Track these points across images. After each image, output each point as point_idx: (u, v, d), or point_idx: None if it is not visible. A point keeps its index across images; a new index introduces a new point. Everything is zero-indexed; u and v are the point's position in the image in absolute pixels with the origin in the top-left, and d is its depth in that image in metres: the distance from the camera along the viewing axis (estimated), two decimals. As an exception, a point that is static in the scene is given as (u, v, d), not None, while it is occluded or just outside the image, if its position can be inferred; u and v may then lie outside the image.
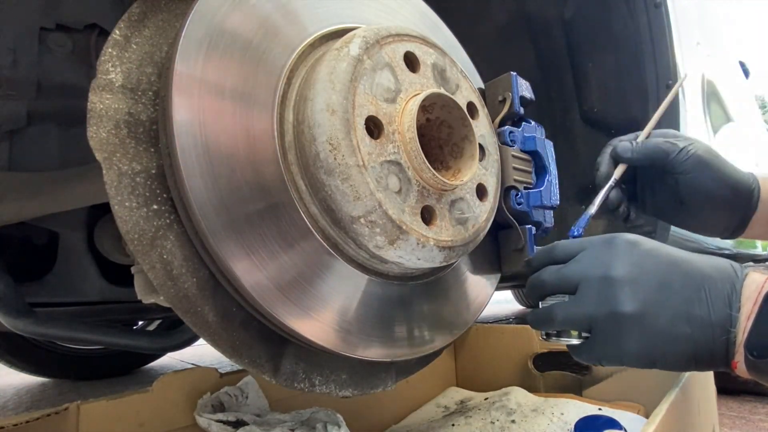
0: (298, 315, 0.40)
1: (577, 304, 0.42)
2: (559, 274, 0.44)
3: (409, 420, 0.88)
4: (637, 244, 0.42)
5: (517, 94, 0.58)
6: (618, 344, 0.39)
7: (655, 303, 0.39)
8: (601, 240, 0.44)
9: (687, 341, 0.38)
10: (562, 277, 0.43)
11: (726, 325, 0.37)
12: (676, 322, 0.38)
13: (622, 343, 0.39)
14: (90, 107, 0.37)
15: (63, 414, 0.54)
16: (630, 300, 0.39)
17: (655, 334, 0.38)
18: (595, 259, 0.42)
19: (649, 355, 0.39)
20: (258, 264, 0.38)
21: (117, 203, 0.36)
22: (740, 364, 0.37)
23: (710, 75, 1.39)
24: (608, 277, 0.40)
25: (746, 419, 1.22)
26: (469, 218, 0.47)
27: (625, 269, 0.40)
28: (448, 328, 0.55)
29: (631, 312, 0.39)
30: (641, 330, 0.38)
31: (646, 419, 0.69)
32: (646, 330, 0.38)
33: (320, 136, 0.38)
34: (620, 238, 0.43)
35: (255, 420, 0.62)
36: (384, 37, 0.43)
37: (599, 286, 0.40)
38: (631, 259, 0.41)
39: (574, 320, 0.42)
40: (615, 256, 0.41)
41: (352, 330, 0.45)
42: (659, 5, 0.86)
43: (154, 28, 0.42)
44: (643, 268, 0.40)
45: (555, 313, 0.43)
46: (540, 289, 0.46)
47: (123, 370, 1.82)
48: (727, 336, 0.37)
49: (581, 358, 0.44)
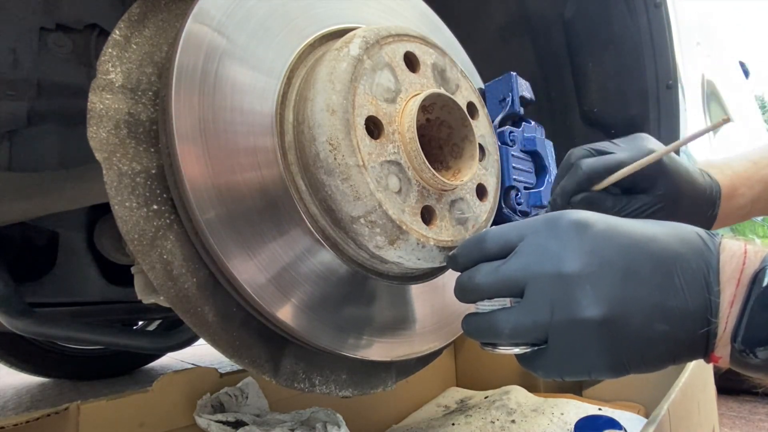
0: (298, 315, 0.40)
1: (528, 312, 0.34)
2: (498, 274, 0.35)
3: (410, 420, 0.88)
4: (587, 226, 0.34)
5: (517, 94, 0.58)
6: (583, 356, 0.32)
7: (623, 301, 0.31)
8: (543, 222, 0.35)
9: (665, 340, 0.31)
10: (503, 279, 0.35)
11: (705, 313, 0.31)
12: (650, 320, 0.31)
13: (589, 354, 0.32)
14: (90, 107, 0.37)
15: (63, 414, 0.54)
16: (593, 302, 0.31)
17: (629, 338, 0.31)
18: (541, 251, 0.34)
19: (623, 363, 0.32)
20: (258, 264, 0.38)
21: (117, 203, 0.36)
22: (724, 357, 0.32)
23: (710, 75, 1.39)
24: (561, 273, 0.32)
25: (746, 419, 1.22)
26: (469, 218, 0.47)
27: (580, 261, 0.32)
28: (448, 328, 0.55)
29: (596, 316, 0.31)
30: (611, 336, 0.31)
31: (646, 419, 0.69)
32: (616, 336, 0.31)
33: (320, 136, 0.38)
34: (565, 218, 0.34)
35: (255, 420, 0.62)
36: (384, 37, 0.43)
37: (552, 287, 0.33)
38: (585, 247, 0.33)
39: (526, 332, 0.34)
40: (564, 245, 0.33)
41: (352, 330, 0.45)
42: (659, 5, 0.86)
43: (154, 28, 0.42)
44: (601, 257, 0.32)
45: (500, 326, 0.35)
46: (475, 293, 0.37)
47: (123, 370, 1.82)
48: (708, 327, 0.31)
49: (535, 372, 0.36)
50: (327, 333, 0.42)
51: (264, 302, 0.38)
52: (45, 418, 0.52)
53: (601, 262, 0.33)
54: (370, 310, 0.46)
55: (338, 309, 0.44)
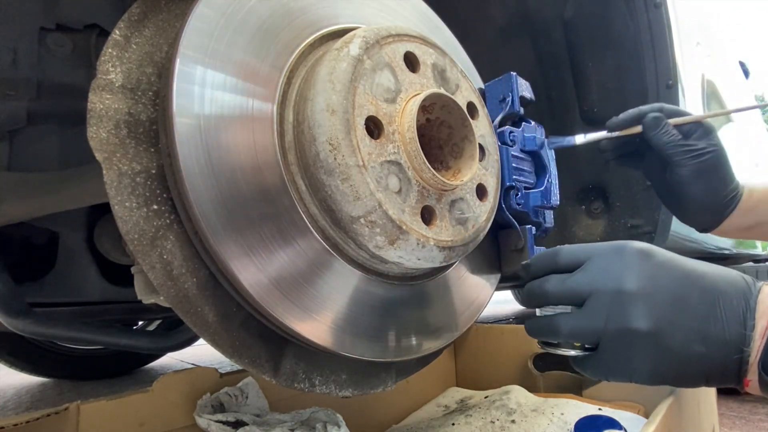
0: (298, 315, 0.40)
1: (586, 318, 0.39)
2: (565, 285, 0.41)
3: (410, 420, 0.88)
4: (650, 255, 0.40)
5: (517, 94, 0.58)
6: (628, 362, 0.38)
7: (669, 320, 0.37)
8: (611, 248, 0.41)
9: (701, 361, 0.37)
10: (569, 290, 0.41)
11: (740, 344, 0.36)
12: (691, 341, 0.37)
13: (633, 361, 0.38)
14: (90, 107, 0.37)
15: (63, 414, 0.54)
16: (644, 317, 0.37)
17: (669, 353, 0.37)
18: (605, 270, 0.40)
19: (661, 374, 0.38)
20: (258, 264, 0.38)
21: (117, 203, 0.36)
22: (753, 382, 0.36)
23: (710, 75, 1.39)
24: (620, 290, 0.38)
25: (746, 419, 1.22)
26: (469, 218, 0.47)
27: (638, 283, 0.38)
28: (448, 328, 0.55)
29: (644, 329, 0.37)
30: (654, 349, 0.37)
31: (646, 419, 0.69)
32: (659, 349, 0.37)
33: (320, 136, 0.38)
34: (631, 246, 0.40)
35: (255, 420, 0.62)
36: (384, 37, 0.43)
37: (610, 301, 0.38)
38: (645, 272, 0.39)
39: (582, 334, 0.40)
40: (627, 268, 0.39)
41: (352, 330, 0.45)
42: (659, 5, 0.86)
43: (154, 28, 0.42)
44: (656, 282, 0.38)
45: (560, 326, 0.41)
46: (542, 299, 0.43)
47: (123, 370, 1.82)
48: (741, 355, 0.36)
49: (584, 372, 0.42)
50: (327, 333, 0.42)
51: (264, 302, 0.38)
52: (45, 418, 0.52)
53: (656, 286, 0.38)
54: (369, 311, 0.46)
55: (338, 309, 0.44)
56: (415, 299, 0.51)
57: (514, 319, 3.11)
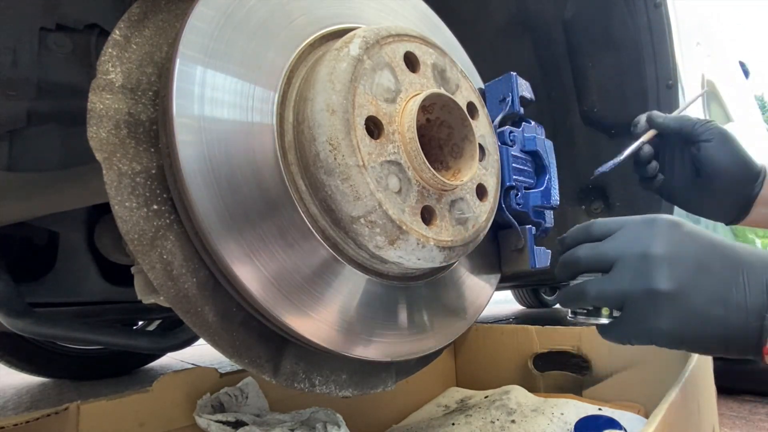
0: (298, 315, 0.40)
1: (612, 281, 0.41)
2: (595, 250, 0.43)
3: (410, 420, 0.88)
4: (678, 225, 0.41)
5: (517, 94, 0.58)
6: (650, 322, 0.39)
7: (691, 283, 0.38)
8: (642, 219, 0.43)
9: (720, 324, 0.37)
10: (599, 254, 0.43)
11: (762, 311, 0.36)
12: (711, 303, 0.38)
13: (655, 321, 0.39)
14: (90, 107, 0.37)
15: (63, 414, 0.54)
16: (667, 278, 0.38)
17: (689, 314, 0.38)
18: (634, 237, 0.42)
19: (680, 335, 0.39)
20: (258, 264, 0.38)
21: (117, 203, 0.36)
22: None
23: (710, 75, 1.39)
24: (646, 254, 0.40)
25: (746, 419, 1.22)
26: (469, 218, 0.47)
27: (664, 248, 0.40)
28: (448, 328, 0.55)
29: (666, 290, 0.38)
30: (676, 309, 0.38)
31: (646, 419, 0.69)
32: (680, 309, 0.38)
33: (320, 136, 0.38)
34: (661, 218, 0.42)
35: (255, 420, 0.62)
36: (384, 37, 0.43)
37: (636, 263, 0.40)
38: (672, 239, 0.40)
39: (608, 296, 0.41)
40: (655, 235, 0.41)
41: (352, 330, 0.45)
42: (659, 5, 0.86)
43: (154, 28, 0.42)
44: (682, 248, 0.40)
45: (587, 290, 0.42)
46: (574, 265, 0.45)
47: (123, 370, 1.81)
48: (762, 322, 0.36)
49: (610, 338, 0.44)
50: (327, 333, 0.42)
51: (264, 302, 0.38)
52: (45, 418, 0.52)
53: (682, 251, 0.40)
54: (369, 311, 0.46)
55: (338, 309, 0.44)
56: (414, 299, 0.51)
57: (514, 319, 3.11)
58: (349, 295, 0.44)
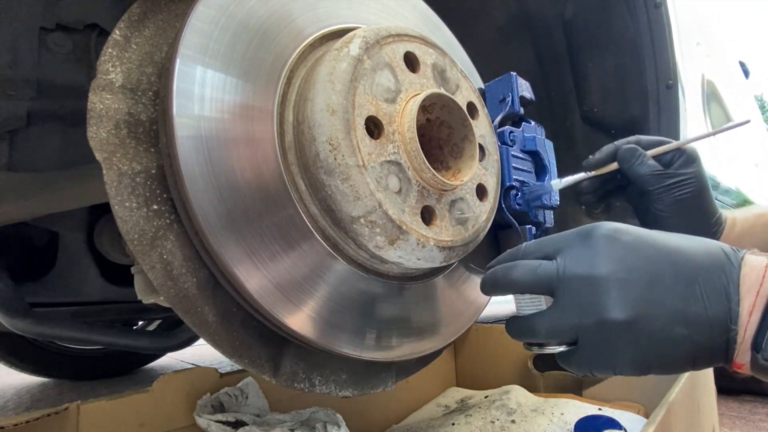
0: (298, 315, 0.40)
1: (560, 314, 0.37)
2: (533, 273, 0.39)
3: (410, 420, 0.88)
4: (618, 236, 0.37)
5: (517, 94, 0.58)
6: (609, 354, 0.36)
7: (646, 304, 0.35)
8: (577, 235, 0.39)
9: (684, 343, 0.34)
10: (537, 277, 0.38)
11: (725, 321, 0.34)
12: (671, 323, 0.34)
13: (614, 352, 0.35)
14: (90, 107, 0.37)
15: (63, 414, 0.54)
16: (619, 304, 0.35)
17: (650, 339, 0.35)
18: (574, 257, 0.38)
19: (644, 362, 0.35)
20: (258, 264, 0.38)
21: (117, 203, 0.36)
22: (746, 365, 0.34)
23: (710, 75, 1.39)
24: (590, 276, 0.36)
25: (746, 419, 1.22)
26: (469, 218, 0.47)
27: (608, 267, 0.36)
28: (449, 328, 0.55)
29: (621, 318, 0.34)
30: (634, 336, 0.35)
31: (646, 419, 0.69)
32: (639, 336, 0.35)
33: (320, 136, 0.38)
34: (598, 230, 0.38)
35: (255, 420, 0.62)
36: (384, 37, 0.43)
37: (582, 289, 0.36)
38: (614, 255, 0.36)
39: (559, 332, 0.38)
40: (596, 253, 0.37)
41: (352, 329, 0.45)
42: (659, 5, 0.86)
43: (154, 28, 0.42)
44: (628, 265, 0.36)
45: (537, 326, 0.39)
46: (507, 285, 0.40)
47: (123, 370, 1.82)
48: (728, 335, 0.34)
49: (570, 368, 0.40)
50: (327, 333, 0.42)
51: (264, 302, 0.38)
52: (45, 418, 0.52)
53: (628, 268, 0.36)
54: (369, 311, 0.46)
55: (338, 309, 0.44)
56: (414, 299, 0.51)
57: (514, 319, 3.10)
58: (348, 296, 0.44)
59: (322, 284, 0.42)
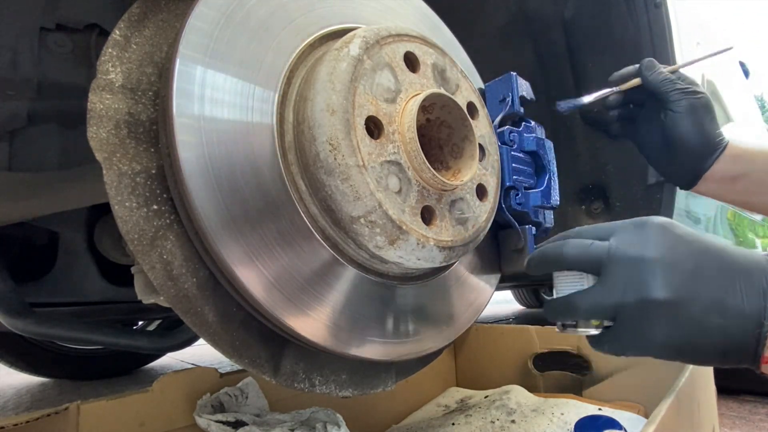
0: (298, 315, 0.40)
1: (603, 292, 0.39)
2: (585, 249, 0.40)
3: (410, 420, 0.88)
4: (670, 228, 0.39)
5: (517, 94, 0.58)
6: (645, 334, 0.37)
7: (688, 290, 0.36)
8: (632, 222, 0.41)
9: (719, 332, 0.36)
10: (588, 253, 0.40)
11: (759, 317, 0.35)
12: (708, 311, 0.36)
13: (650, 332, 0.37)
14: (90, 107, 0.37)
15: (63, 414, 0.54)
16: (662, 286, 0.36)
17: (687, 323, 0.36)
18: (626, 240, 0.39)
19: (677, 345, 0.37)
20: (258, 264, 0.38)
21: (117, 203, 0.36)
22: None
23: (710, 75, 1.39)
24: (639, 258, 0.38)
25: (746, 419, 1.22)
26: (469, 218, 0.47)
27: (657, 252, 0.38)
28: (449, 328, 0.55)
29: (663, 299, 0.36)
30: (672, 319, 0.36)
31: (646, 419, 0.69)
32: (676, 318, 0.36)
33: (320, 136, 0.38)
34: (652, 220, 0.40)
35: (255, 420, 0.62)
36: (384, 37, 0.43)
37: (629, 269, 0.38)
38: (664, 242, 0.38)
39: (600, 309, 0.39)
40: (647, 238, 0.39)
41: (353, 330, 0.45)
42: (659, 5, 0.86)
43: (154, 28, 0.42)
44: (676, 253, 0.38)
45: (577, 303, 0.40)
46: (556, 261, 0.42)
47: (123, 370, 1.82)
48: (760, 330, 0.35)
49: (603, 350, 0.41)
50: (327, 332, 0.42)
51: (264, 302, 0.38)
52: (45, 418, 0.52)
53: (676, 256, 0.38)
54: (370, 310, 0.46)
55: (338, 309, 0.44)
56: (415, 299, 0.51)
57: (514, 319, 3.11)
58: (348, 296, 0.44)
59: (321, 284, 0.42)
